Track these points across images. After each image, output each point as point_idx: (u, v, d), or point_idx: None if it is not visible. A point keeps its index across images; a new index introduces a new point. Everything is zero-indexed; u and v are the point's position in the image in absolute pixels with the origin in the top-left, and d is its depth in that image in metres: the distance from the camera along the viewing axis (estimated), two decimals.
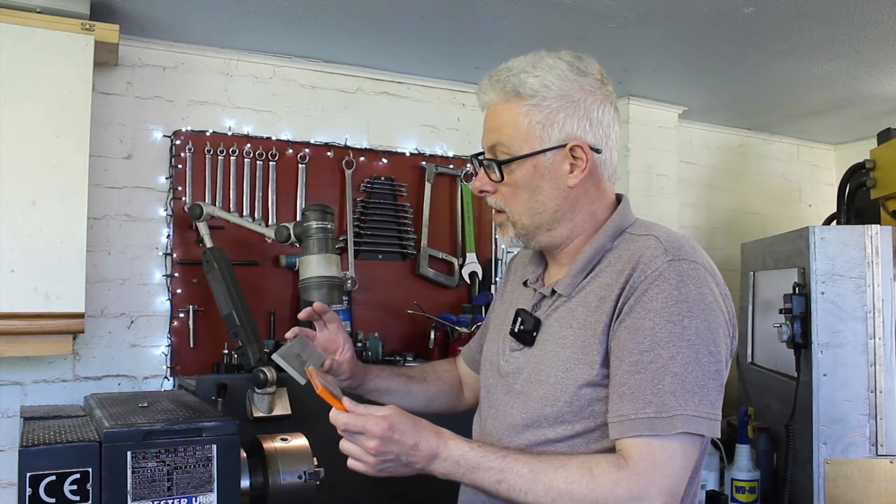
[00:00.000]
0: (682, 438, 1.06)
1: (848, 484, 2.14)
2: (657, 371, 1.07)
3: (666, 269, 1.11)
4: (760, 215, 3.70)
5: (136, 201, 2.39)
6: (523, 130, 1.20)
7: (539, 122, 1.19)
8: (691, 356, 1.07)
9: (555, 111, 1.19)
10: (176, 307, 2.40)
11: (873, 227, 2.20)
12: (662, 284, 1.10)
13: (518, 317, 1.29)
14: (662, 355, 1.08)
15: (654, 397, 1.06)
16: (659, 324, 1.09)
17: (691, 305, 1.09)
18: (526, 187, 1.22)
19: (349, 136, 2.73)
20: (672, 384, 1.06)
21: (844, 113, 3.28)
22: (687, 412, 1.06)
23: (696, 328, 1.09)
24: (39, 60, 1.95)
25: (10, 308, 1.88)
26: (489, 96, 1.24)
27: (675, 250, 1.13)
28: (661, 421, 1.06)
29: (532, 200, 1.22)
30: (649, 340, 1.09)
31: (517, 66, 1.22)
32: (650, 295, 1.10)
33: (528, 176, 1.21)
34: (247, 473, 1.72)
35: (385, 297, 2.73)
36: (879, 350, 2.16)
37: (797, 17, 2.20)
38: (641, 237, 1.19)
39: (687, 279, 1.11)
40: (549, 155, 1.20)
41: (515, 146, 1.21)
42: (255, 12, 2.21)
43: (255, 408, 2.10)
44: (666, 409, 1.06)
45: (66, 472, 1.45)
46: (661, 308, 1.09)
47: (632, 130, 3.13)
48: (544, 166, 1.20)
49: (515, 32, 2.36)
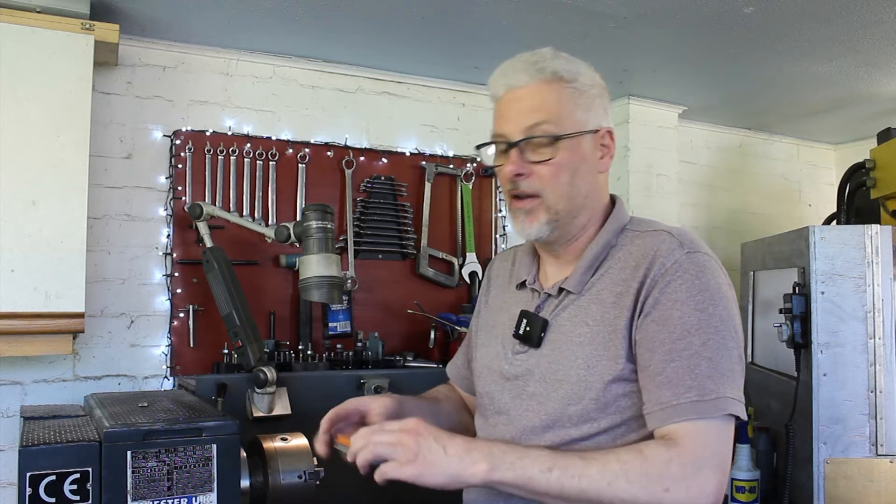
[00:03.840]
0: (724, 419, 1.10)
1: (848, 484, 2.14)
2: (692, 357, 1.10)
3: (685, 260, 1.15)
4: (760, 215, 3.70)
5: (136, 201, 2.39)
6: (568, 111, 1.21)
7: (581, 105, 1.22)
8: (720, 342, 1.11)
9: (592, 97, 1.24)
10: (176, 307, 2.40)
11: (873, 226, 2.20)
12: (684, 275, 1.14)
13: (522, 318, 1.28)
14: (695, 342, 1.11)
15: (694, 382, 1.09)
16: (687, 312, 1.12)
17: (713, 294, 1.14)
18: (568, 168, 1.21)
19: (349, 136, 2.73)
20: (708, 369, 1.10)
21: (844, 113, 3.28)
22: (727, 395, 1.10)
23: (720, 315, 1.13)
24: (39, 60, 1.95)
25: (10, 308, 1.88)
26: (521, 78, 1.22)
27: (690, 243, 1.18)
28: (704, 404, 1.09)
29: (571, 183, 1.22)
30: (680, 329, 1.12)
31: (545, 53, 1.24)
32: (674, 286, 1.14)
33: (572, 156, 1.21)
34: (247, 473, 1.72)
35: (385, 296, 2.73)
36: (879, 350, 2.16)
37: (797, 17, 2.20)
38: (650, 233, 1.23)
39: (705, 269, 1.15)
40: (588, 138, 1.23)
41: (560, 126, 1.20)
42: (255, 12, 2.21)
43: (255, 408, 2.10)
44: (707, 392, 1.09)
45: (66, 472, 1.45)
46: (686, 298, 1.13)
47: (632, 130, 3.13)
48: (584, 149, 1.23)
49: (515, 32, 2.36)
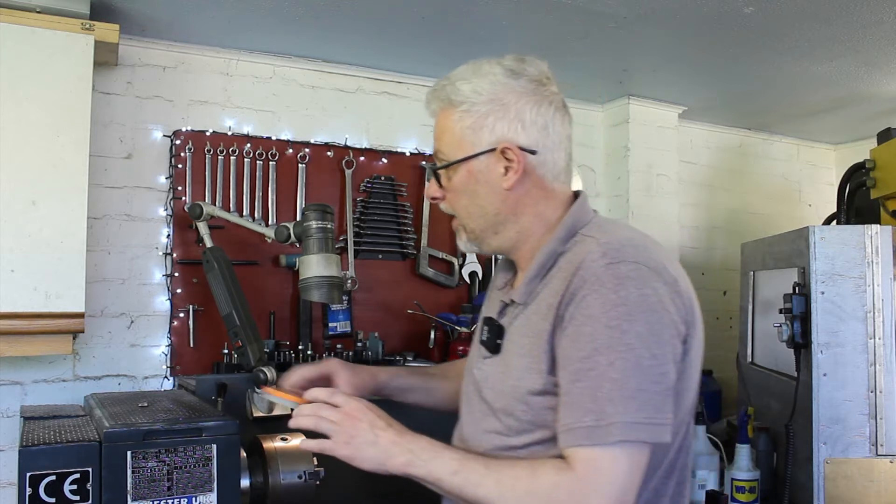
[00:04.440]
0: (625, 445, 1.04)
1: (848, 484, 2.14)
2: (596, 378, 1.05)
3: (603, 272, 1.09)
4: (760, 215, 3.70)
5: (136, 201, 2.39)
6: (457, 137, 1.23)
7: (469, 126, 1.22)
8: (632, 361, 1.05)
9: (484, 115, 1.21)
10: (176, 307, 2.40)
11: (873, 226, 2.20)
12: (600, 289, 1.08)
13: (485, 325, 1.31)
14: (601, 362, 1.05)
15: (594, 405, 1.05)
16: (598, 329, 1.07)
17: (630, 308, 1.07)
18: (465, 192, 1.25)
19: (349, 136, 2.73)
20: (611, 391, 1.04)
21: (844, 113, 3.28)
22: (626, 419, 1.03)
23: (637, 332, 1.06)
24: (39, 60, 1.95)
25: (10, 308, 1.88)
26: (431, 107, 1.28)
27: (614, 252, 1.11)
28: (599, 430, 1.04)
29: (472, 204, 1.25)
30: (589, 347, 1.07)
31: (456, 74, 1.25)
32: (588, 301, 1.09)
33: (465, 180, 1.24)
34: (247, 473, 1.72)
35: (385, 296, 2.73)
36: (879, 350, 2.16)
37: (797, 17, 2.20)
38: (587, 239, 1.18)
39: (626, 281, 1.08)
40: (482, 159, 1.22)
41: (451, 152, 1.24)
42: (255, 12, 2.21)
43: (255, 408, 2.10)
44: (604, 416, 1.04)
45: (66, 472, 1.45)
46: (599, 314, 1.07)
47: (632, 130, 3.13)
48: (478, 170, 1.23)
49: (515, 32, 2.36)
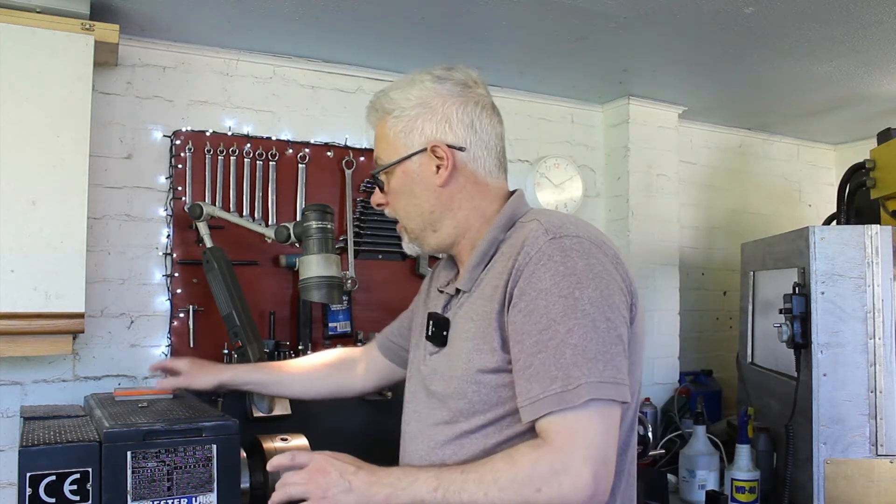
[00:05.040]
0: (596, 405, 1.07)
1: (848, 484, 2.14)
2: (558, 346, 1.09)
3: (548, 247, 1.14)
4: (760, 215, 3.70)
5: (136, 201, 2.39)
6: (391, 142, 1.31)
7: (401, 130, 1.29)
8: (588, 325, 1.09)
9: (413, 118, 1.28)
10: (176, 307, 2.39)
11: (873, 227, 2.21)
12: (548, 262, 1.13)
13: (430, 320, 1.35)
14: (560, 330, 1.09)
15: (559, 372, 1.08)
16: (552, 300, 1.11)
17: (580, 277, 1.12)
18: (402, 192, 1.32)
19: (349, 136, 2.73)
20: (573, 356, 1.08)
21: (844, 113, 3.28)
22: (591, 379, 1.07)
23: (590, 297, 1.11)
24: (39, 60, 1.95)
25: (10, 308, 1.88)
26: (370, 119, 1.36)
27: (556, 228, 1.17)
28: (568, 394, 1.07)
29: (410, 204, 1.32)
30: (545, 319, 1.10)
31: (390, 86, 1.33)
32: (538, 275, 1.13)
33: (401, 182, 1.31)
34: (247, 473, 1.72)
35: (385, 297, 2.73)
36: (879, 350, 2.16)
37: (797, 17, 2.20)
38: (526, 223, 1.23)
39: (571, 252, 1.13)
40: (414, 160, 1.29)
41: (387, 158, 1.32)
42: (255, 12, 2.21)
43: (255, 408, 2.10)
44: (571, 380, 1.07)
45: (66, 472, 1.45)
46: (550, 286, 1.11)
47: (632, 130, 3.13)
48: (413, 171, 1.29)
49: (515, 32, 2.36)
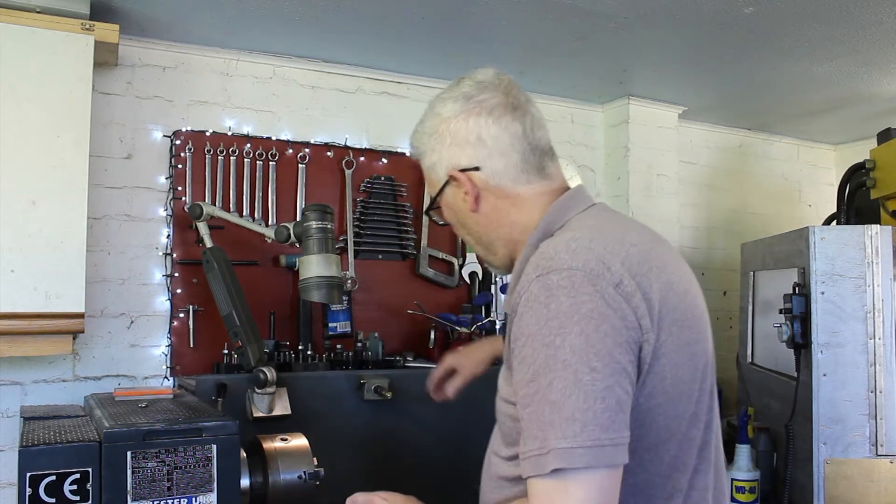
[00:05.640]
0: (574, 473, 0.95)
1: (848, 484, 2.14)
2: (539, 402, 0.98)
3: (535, 287, 1.03)
4: (760, 215, 3.70)
5: (136, 201, 2.39)
6: (430, 180, 1.30)
7: (428, 167, 1.28)
8: (569, 379, 0.96)
9: (431, 151, 1.26)
10: (176, 307, 2.39)
11: (873, 227, 2.20)
12: (534, 304, 1.02)
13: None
14: (542, 383, 0.98)
15: (539, 432, 0.98)
16: (537, 349, 1.00)
17: (563, 321, 0.99)
18: (454, 224, 1.31)
19: (349, 136, 2.73)
20: (551, 415, 0.97)
21: (844, 113, 3.28)
22: (562, 444, 0.94)
23: (572, 345, 0.97)
24: (39, 60, 1.95)
25: (10, 308, 1.88)
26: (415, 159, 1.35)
27: (546, 262, 1.04)
28: (541, 458, 0.96)
29: (464, 233, 1.31)
30: (531, 370, 1.00)
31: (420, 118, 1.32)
32: (525, 319, 1.03)
33: (448, 215, 1.31)
34: (247, 473, 1.72)
35: (385, 297, 2.73)
36: (879, 350, 2.16)
37: (797, 17, 2.20)
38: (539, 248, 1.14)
39: (556, 291, 1.01)
40: (447, 192, 1.27)
41: (432, 194, 1.32)
42: (255, 12, 2.21)
43: (255, 408, 2.10)
44: (546, 443, 0.96)
45: (66, 472, 1.45)
46: (535, 331, 1.01)
47: (632, 130, 3.13)
48: (450, 203, 1.28)
49: (515, 32, 2.36)
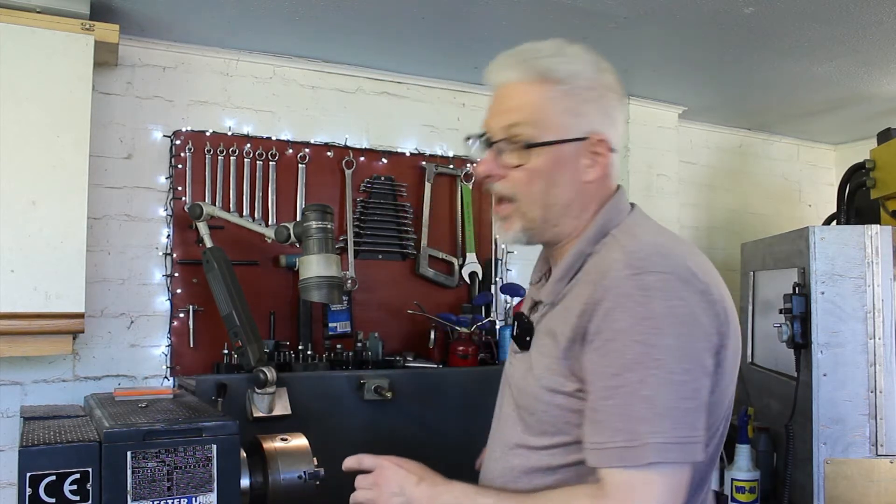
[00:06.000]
0: (661, 467, 0.99)
1: (848, 484, 2.14)
2: (627, 396, 1.01)
3: (629, 284, 1.03)
4: (760, 215, 3.70)
5: (136, 201, 2.39)
6: (550, 115, 1.13)
7: (568, 110, 1.13)
8: (663, 378, 1.00)
9: (583, 102, 1.14)
10: (176, 307, 2.39)
11: (873, 227, 2.20)
12: (627, 302, 1.03)
13: (516, 320, 1.28)
14: (631, 378, 1.00)
15: (625, 425, 1.00)
16: (627, 344, 1.02)
17: (659, 322, 1.01)
18: (544, 176, 1.14)
19: (349, 136, 2.73)
20: (642, 410, 1.00)
21: (844, 113, 3.28)
22: (659, 439, 0.99)
23: (667, 346, 1.01)
24: (39, 60, 1.95)
25: (10, 308, 1.88)
26: (508, 75, 1.16)
27: (640, 262, 1.05)
28: (631, 451, 0.99)
29: (547, 192, 1.15)
30: (618, 363, 1.02)
31: (544, 48, 1.15)
32: (615, 314, 1.03)
33: (549, 165, 1.14)
34: (247, 473, 1.72)
35: (385, 297, 2.73)
36: (879, 350, 2.16)
37: (797, 17, 2.20)
38: (614, 244, 1.12)
39: (653, 293, 1.02)
40: (572, 146, 1.14)
41: (539, 131, 1.13)
42: (255, 12, 2.21)
43: (255, 408, 2.10)
44: (636, 437, 0.99)
45: (66, 472, 1.45)
46: (627, 327, 1.02)
47: (632, 130, 3.13)
48: (566, 157, 1.14)
49: (515, 32, 2.36)
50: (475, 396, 2.48)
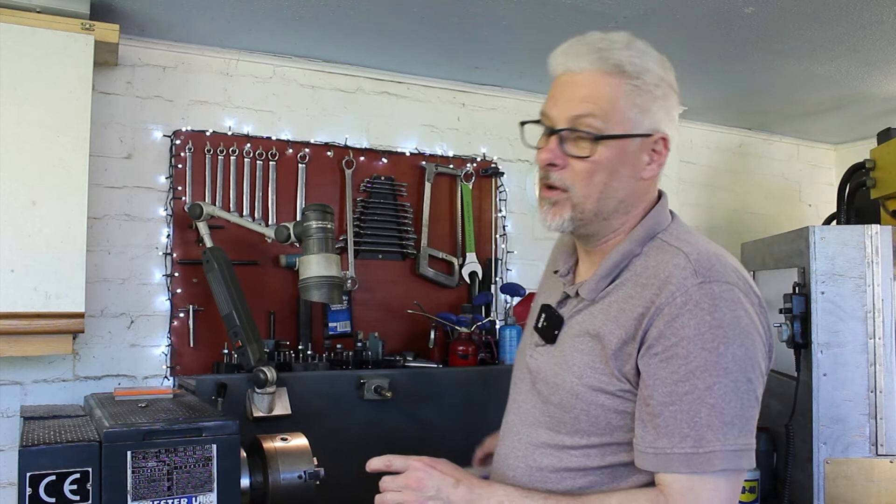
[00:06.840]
0: (725, 474, 1.02)
1: (848, 484, 2.14)
2: (693, 402, 1.02)
3: (697, 292, 1.05)
4: (760, 215, 3.70)
5: (136, 201, 2.39)
6: (621, 109, 1.13)
7: (637, 104, 1.13)
8: (729, 386, 1.02)
9: (651, 99, 1.14)
10: (176, 307, 2.40)
11: (873, 226, 2.20)
12: (694, 309, 1.04)
13: (542, 312, 1.26)
14: (699, 385, 1.02)
15: (692, 431, 1.02)
16: (693, 351, 1.03)
17: (726, 330, 1.04)
18: (606, 169, 1.14)
19: (349, 136, 2.73)
20: (709, 417, 1.02)
21: (844, 113, 3.28)
22: (726, 447, 1.01)
23: (734, 355, 1.03)
24: (39, 60, 1.95)
25: (10, 308, 1.88)
26: (580, 62, 1.14)
27: (706, 271, 1.07)
28: (699, 457, 1.01)
29: (607, 185, 1.14)
30: (684, 370, 1.03)
31: (617, 40, 1.14)
32: (682, 321, 1.04)
33: (613, 158, 1.13)
34: (247, 473, 1.72)
35: (385, 296, 2.73)
36: (879, 350, 2.16)
37: (797, 17, 2.20)
38: (670, 249, 1.13)
39: (720, 302, 1.05)
40: (636, 141, 1.14)
41: (609, 124, 1.12)
42: (255, 12, 2.21)
43: (255, 408, 2.10)
44: (704, 443, 1.01)
45: (66, 472, 1.45)
46: (694, 335, 1.03)
47: None
48: (629, 152, 1.14)
49: (515, 32, 2.36)
50: (475, 396, 2.48)
